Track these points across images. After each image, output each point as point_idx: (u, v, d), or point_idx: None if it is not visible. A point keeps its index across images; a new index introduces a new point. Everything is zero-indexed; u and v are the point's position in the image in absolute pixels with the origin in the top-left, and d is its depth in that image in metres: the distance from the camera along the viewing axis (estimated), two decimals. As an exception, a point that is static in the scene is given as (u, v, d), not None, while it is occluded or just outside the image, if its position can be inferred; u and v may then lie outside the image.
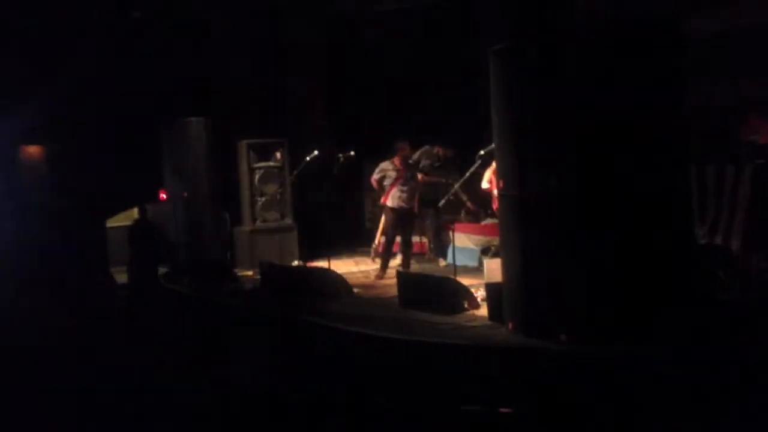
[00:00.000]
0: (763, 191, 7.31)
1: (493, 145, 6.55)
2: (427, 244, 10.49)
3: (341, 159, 10.06)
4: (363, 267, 9.93)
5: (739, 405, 4.70)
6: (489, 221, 9.61)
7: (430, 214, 10.17)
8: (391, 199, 9.25)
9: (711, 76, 8.30)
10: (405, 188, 9.22)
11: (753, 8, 8.58)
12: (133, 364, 6.61)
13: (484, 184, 8.19)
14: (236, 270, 10.16)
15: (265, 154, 10.83)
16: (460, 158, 9.99)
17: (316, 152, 10.21)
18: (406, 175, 9.22)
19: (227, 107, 11.36)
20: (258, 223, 10.70)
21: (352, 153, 10.10)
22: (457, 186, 9.13)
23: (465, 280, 7.63)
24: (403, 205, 9.24)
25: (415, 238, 10.04)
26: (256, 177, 10.69)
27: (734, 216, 7.57)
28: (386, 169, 9.31)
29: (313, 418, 5.36)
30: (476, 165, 8.32)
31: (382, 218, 9.52)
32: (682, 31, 5.92)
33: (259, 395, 5.84)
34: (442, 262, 9.89)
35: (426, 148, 10.39)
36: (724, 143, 8.04)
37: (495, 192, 7.39)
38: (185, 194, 10.46)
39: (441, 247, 10.08)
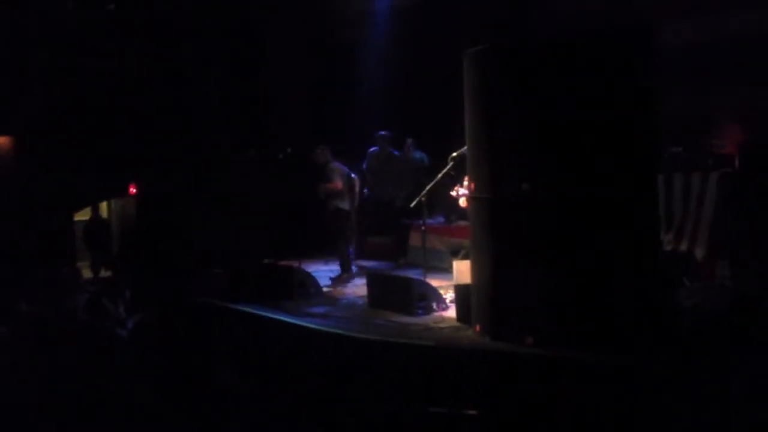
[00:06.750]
0: (728, 200, 7.41)
1: (465, 148, 6.58)
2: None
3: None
4: (333, 266, 9.91)
5: (699, 412, 4.77)
6: (460, 223, 9.63)
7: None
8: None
9: (683, 86, 8.43)
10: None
11: (723, 18, 8.73)
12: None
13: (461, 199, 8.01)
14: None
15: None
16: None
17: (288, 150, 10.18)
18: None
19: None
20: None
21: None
22: (428, 187, 9.11)
23: (434, 282, 7.65)
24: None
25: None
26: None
27: (699, 223, 7.66)
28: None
29: (280, 419, 5.34)
30: (448, 167, 8.31)
31: None
32: (655, 39, 5.99)
33: (235, 395, 5.81)
34: (401, 261, 10.10)
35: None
36: (691, 151, 8.14)
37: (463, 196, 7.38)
38: None
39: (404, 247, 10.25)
